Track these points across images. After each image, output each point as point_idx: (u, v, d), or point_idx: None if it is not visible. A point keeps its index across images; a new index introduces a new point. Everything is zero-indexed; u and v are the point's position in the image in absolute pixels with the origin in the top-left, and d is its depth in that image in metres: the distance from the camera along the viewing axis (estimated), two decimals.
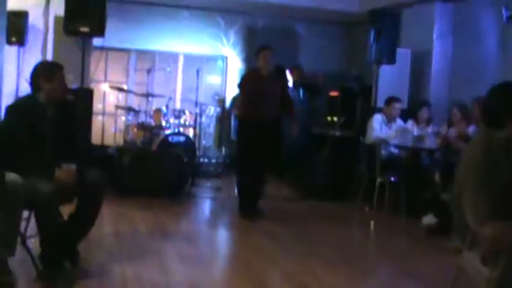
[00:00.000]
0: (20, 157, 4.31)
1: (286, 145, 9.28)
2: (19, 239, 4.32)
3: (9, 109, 4.57)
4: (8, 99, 6.72)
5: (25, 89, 5.99)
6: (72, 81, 7.30)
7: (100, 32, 7.49)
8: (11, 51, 8.93)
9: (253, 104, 7.21)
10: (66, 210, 4.70)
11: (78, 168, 4.55)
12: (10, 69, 8.72)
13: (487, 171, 3.20)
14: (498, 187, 3.17)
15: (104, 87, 10.59)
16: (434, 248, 6.33)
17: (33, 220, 4.50)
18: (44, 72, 4.61)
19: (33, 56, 8.73)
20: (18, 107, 4.68)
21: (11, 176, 4.00)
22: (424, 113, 8.26)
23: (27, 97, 4.74)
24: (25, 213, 4.50)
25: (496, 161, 3.21)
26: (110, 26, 7.87)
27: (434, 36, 9.39)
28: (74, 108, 5.01)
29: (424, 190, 7.45)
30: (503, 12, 7.33)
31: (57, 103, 4.68)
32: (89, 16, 7.34)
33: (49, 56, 7.69)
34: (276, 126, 7.54)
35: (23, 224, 4.50)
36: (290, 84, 9.55)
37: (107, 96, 10.56)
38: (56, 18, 7.78)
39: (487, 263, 3.25)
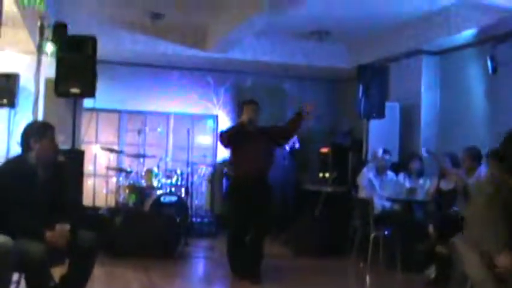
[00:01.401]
0: (10, 219, 4.25)
1: (277, 202, 9.24)
2: None
3: None
4: None
5: (16, 150, 5.96)
6: (63, 143, 7.30)
7: (91, 93, 7.52)
8: (2, 113, 8.98)
9: (237, 162, 7.02)
10: (57, 272, 4.64)
11: (70, 229, 4.50)
12: (1, 131, 8.72)
13: (504, 206, 3.27)
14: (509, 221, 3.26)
15: (95, 148, 10.59)
16: None
17: (23, 283, 4.42)
18: (34, 132, 4.60)
19: (24, 117, 8.75)
20: (8, 169, 4.65)
21: (0, 238, 3.95)
22: (415, 165, 8.27)
23: (17, 158, 4.72)
24: (15, 276, 4.43)
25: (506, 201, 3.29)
26: (101, 87, 7.91)
27: (422, 88, 9.48)
28: (64, 169, 4.99)
29: (418, 243, 7.39)
30: (489, 63, 7.43)
31: (48, 164, 4.66)
32: (80, 78, 7.38)
33: (40, 118, 7.70)
34: (263, 185, 6.90)
35: (13, 287, 4.43)
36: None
37: (98, 158, 10.54)
38: (47, 80, 7.82)
39: None
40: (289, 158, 10.46)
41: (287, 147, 10.19)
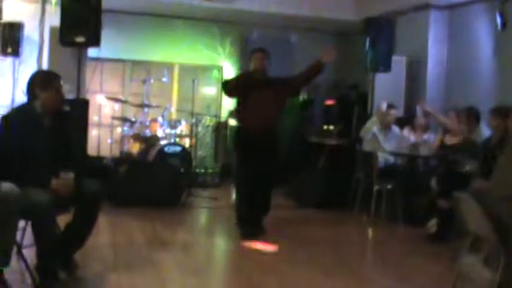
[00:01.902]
0: (16, 167, 4.28)
1: (282, 154, 9.25)
2: (15, 249, 4.29)
3: (5, 119, 4.56)
4: (3, 111, 6.71)
5: (21, 100, 5.97)
6: (67, 92, 7.29)
7: (95, 42, 7.49)
8: (7, 62, 8.95)
9: (244, 112, 6.66)
10: (62, 220, 4.69)
11: (75, 178, 4.53)
12: (6, 81, 8.72)
13: None
14: None
15: (100, 98, 10.59)
16: (433, 254, 6.31)
17: (29, 230, 4.47)
18: (40, 81, 4.60)
19: (28, 67, 8.73)
20: (14, 116, 4.66)
21: (7, 186, 3.98)
22: (419, 120, 8.26)
23: (23, 106, 4.73)
24: (21, 223, 4.48)
25: None
26: (105, 36, 7.87)
27: (429, 43, 9.40)
28: (69, 118, 5.00)
29: (421, 197, 7.44)
30: (498, 18, 7.34)
31: (53, 113, 4.66)
32: (85, 27, 7.34)
33: (45, 67, 7.69)
34: (272, 137, 6.67)
35: (19, 234, 4.49)
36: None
37: (102, 108, 10.54)
38: (52, 29, 7.78)
39: (489, 265, 3.26)
40: (297, 109, 10.44)
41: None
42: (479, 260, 3.39)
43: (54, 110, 4.65)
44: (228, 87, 6.69)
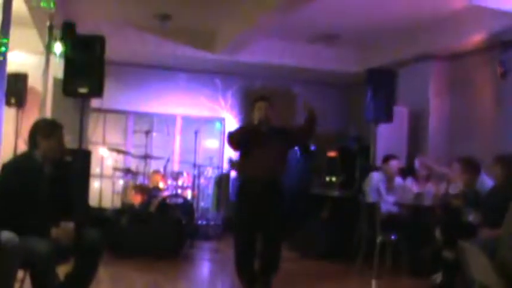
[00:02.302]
0: (15, 215, 4.24)
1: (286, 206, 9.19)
2: None
3: (5, 167, 4.55)
4: (6, 160, 6.69)
5: (23, 150, 5.96)
6: (70, 142, 7.30)
7: (98, 93, 7.51)
8: (10, 112, 8.97)
9: (246, 163, 6.26)
10: (62, 270, 4.63)
11: (76, 227, 4.49)
12: (8, 131, 8.73)
13: None
14: None
15: (102, 150, 10.59)
16: None
17: (28, 281, 4.41)
18: (42, 130, 4.60)
19: (31, 117, 8.73)
20: (14, 164, 4.64)
21: (6, 234, 3.94)
22: (421, 170, 8.23)
23: (24, 155, 4.73)
24: (20, 274, 4.41)
25: None
26: (108, 88, 7.90)
27: (431, 93, 9.46)
28: (71, 168, 4.99)
29: (425, 248, 7.36)
30: (498, 68, 7.40)
31: (54, 162, 4.65)
32: (88, 77, 7.37)
33: (47, 117, 7.70)
34: (275, 190, 6.19)
35: (17, 285, 4.42)
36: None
37: (104, 159, 10.53)
38: (55, 80, 7.84)
39: None
40: (301, 161, 10.43)
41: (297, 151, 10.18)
42: None
43: (55, 159, 4.64)
44: (232, 140, 6.31)
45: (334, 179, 9.80)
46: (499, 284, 3.16)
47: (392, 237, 7.67)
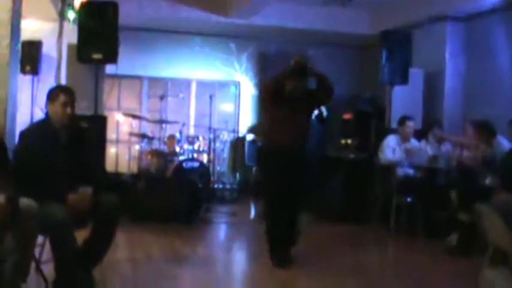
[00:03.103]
0: (33, 182, 4.28)
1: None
2: (33, 265, 4.29)
3: (21, 134, 4.58)
4: (22, 128, 6.74)
5: (39, 117, 6.00)
6: (85, 108, 7.33)
7: (113, 59, 7.51)
8: (25, 80, 9.00)
9: (273, 129, 6.00)
10: (80, 235, 4.69)
11: (93, 193, 4.53)
12: (24, 98, 8.77)
13: None
14: None
15: (117, 116, 10.63)
16: (454, 268, 6.24)
17: (47, 245, 4.48)
18: (47, 95, 4.62)
19: (47, 84, 8.74)
20: (29, 132, 4.68)
21: (25, 201, 3.99)
22: (435, 133, 8.22)
23: (40, 122, 4.76)
24: (40, 239, 4.48)
25: None
26: (123, 53, 7.89)
27: (447, 55, 9.38)
28: (87, 134, 5.01)
29: (440, 210, 7.38)
30: None
31: (70, 128, 4.67)
32: (102, 43, 7.37)
33: (62, 84, 7.73)
34: (304, 155, 6.01)
35: (37, 249, 4.49)
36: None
37: (120, 124, 10.58)
38: (69, 46, 7.83)
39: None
40: (316, 124, 10.42)
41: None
42: (501, 273, 3.34)
43: (65, 124, 4.62)
44: (266, 96, 6.06)
45: (349, 141, 9.79)
46: None
47: (408, 199, 7.69)
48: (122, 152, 10.50)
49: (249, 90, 12.03)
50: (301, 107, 5.89)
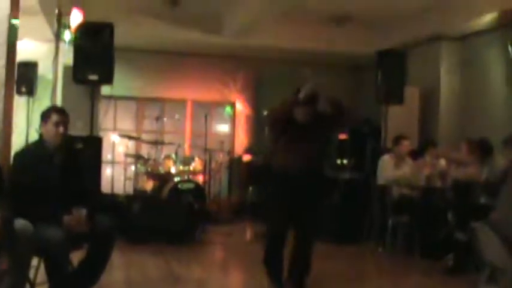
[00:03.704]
0: (28, 203, 4.27)
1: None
2: (28, 287, 4.26)
3: (16, 155, 4.58)
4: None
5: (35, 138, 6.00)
6: (81, 130, 7.33)
7: (108, 79, 7.54)
8: (21, 101, 9.01)
9: (282, 149, 5.64)
10: (76, 256, 4.66)
11: (89, 214, 4.52)
12: (20, 120, 8.77)
13: None
14: None
15: (113, 136, 10.62)
16: (451, 287, 6.23)
17: (42, 267, 4.45)
18: (41, 116, 4.62)
19: (42, 105, 8.76)
20: (24, 153, 4.67)
21: (21, 223, 3.98)
22: (431, 152, 8.23)
23: (34, 143, 4.77)
24: (34, 261, 4.46)
25: None
26: (118, 74, 7.92)
27: (442, 74, 9.43)
28: (82, 155, 5.00)
29: (437, 230, 7.36)
30: (510, 48, 7.36)
31: (65, 149, 4.66)
32: (97, 64, 7.40)
33: (58, 105, 7.73)
34: (316, 180, 5.68)
35: (32, 271, 4.46)
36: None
37: (116, 145, 10.58)
38: (65, 67, 7.85)
39: None
40: None
41: None
42: None
43: (58, 144, 4.60)
44: (274, 126, 5.78)
45: (345, 161, 9.80)
46: (511, 264, 3.15)
47: (404, 218, 7.68)
48: (117, 173, 10.48)
49: (244, 110, 12.04)
50: (313, 132, 5.54)
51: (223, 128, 12.13)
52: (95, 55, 7.40)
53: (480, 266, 3.79)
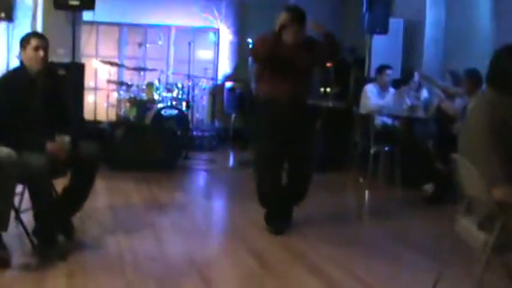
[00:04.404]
0: (11, 131, 4.26)
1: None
2: (13, 214, 4.30)
3: None
4: None
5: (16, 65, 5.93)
6: (63, 56, 7.25)
7: (90, 5, 7.41)
8: (1, 27, 8.84)
9: (271, 81, 5.38)
10: (60, 183, 4.70)
11: (72, 141, 4.52)
12: (0, 46, 8.64)
13: (495, 135, 3.19)
14: (508, 150, 3.18)
15: (95, 62, 10.50)
16: (429, 216, 6.36)
17: (26, 194, 4.48)
18: (20, 43, 4.55)
19: (22, 31, 8.58)
20: (5, 80, 4.63)
21: (4, 150, 3.98)
22: (414, 78, 8.24)
23: (15, 70, 4.70)
24: (19, 188, 4.48)
25: (503, 124, 3.21)
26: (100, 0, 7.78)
27: (427, 5, 9.33)
28: (65, 81, 4.97)
29: (418, 159, 7.45)
30: None
31: (47, 76, 4.61)
32: None
33: (38, 31, 7.60)
34: (306, 111, 5.56)
35: (16, 198, 4.50)
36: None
37: (98, 72, 10.47)
38: None
39: (483, 227, 3.27)
40: None
41: None
42: (473, 222, 3.40)
43: (39, 70, 4.52)
44: (257, 55, 5.47)
45: (328, 90, 9.80)
46: (487, 198, 3.20)
47: (386, 148, 7.76)
48: (100, 99, 10.41)
49: (228, 37, 11.92)
50: (300, 63, 5.35)
51: (206, 54, 12.02)
52: None
53: (459, 197, 3.85)
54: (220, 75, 11.72)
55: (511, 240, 3.14)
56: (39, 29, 7.75)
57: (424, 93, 8.16)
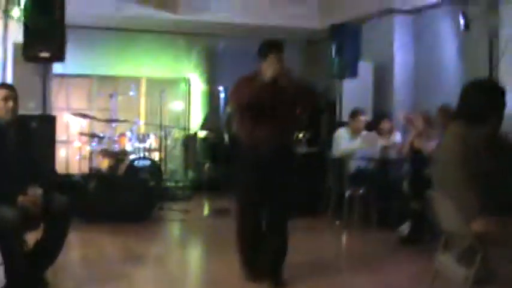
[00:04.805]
0: None
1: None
2: None
3: None
4: None
5: None
6: (33, 109, 7.20)
7: (60, 57, 7.36)
8: None
9: (250, 126, 5.13)
10: (32, 237, 4.60)
11: (44, 194, 4.45)
12: None
13: (469, 167, 3.22)
14: (481, 180, 3.20)
15: (66, 115, 10.45)
16: (407, 256, 6.34)
17: None
18: None
19: None
20: None
21: None
22: (385, 125, 8.32)
23: None
24: None
25: (475, 155, 3.24)
26: (70, 52, 7.75)
27: (395, 47, 9.49)
28: (36, 134, 4.92)
29: (393, 200, 7.47)
30: (460, 19, 7.44)
31: (18, 128, 4.57)
32: (49, 41, 7.19)
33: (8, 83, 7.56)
34: (286, 155, 5.27)
35: None
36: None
37: (70, 124, 10.42)
38: (15, 45, 7.67)
39: (463, 262, 3.26)
40: None
41: None
42: (453, 257, 3.39)
43: (10, 121, 4.50)
44: (236, 100, 5.27)
45: (300, 135, 9.84)
46: (466, 231, 3.20)
47: (361, 190, 7.77)
48: (72, 152, 10.34)
49: (199, 87, 11.98)
50: (281, 109, 5.07)
51: (178, 104, 12.03)
52: (46, 32, 7.18)
53: (436, 235, 3.85)
54: (193, 125, 11.72)
55: (491, 272, 3.13)
56: (9, 81, 7.70)
57: (397, 137, 8.22)
